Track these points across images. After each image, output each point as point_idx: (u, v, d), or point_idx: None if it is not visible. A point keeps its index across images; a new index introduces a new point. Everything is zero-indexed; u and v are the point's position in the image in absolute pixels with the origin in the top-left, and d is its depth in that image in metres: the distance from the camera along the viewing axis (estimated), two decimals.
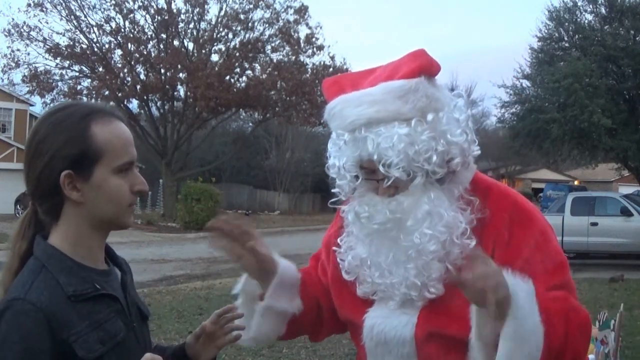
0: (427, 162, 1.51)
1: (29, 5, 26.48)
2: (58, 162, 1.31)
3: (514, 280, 1.39)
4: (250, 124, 39.35)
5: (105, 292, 1.34)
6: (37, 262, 1.31)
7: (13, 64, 27.01)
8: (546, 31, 22.08)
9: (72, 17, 27.04)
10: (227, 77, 28.04)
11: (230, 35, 28.61)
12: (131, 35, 27.37)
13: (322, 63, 29.31)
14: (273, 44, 28.87)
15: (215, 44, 28.87)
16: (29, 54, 26.97)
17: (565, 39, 22.05)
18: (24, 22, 26.60)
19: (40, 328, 1.21)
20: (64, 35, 27.29)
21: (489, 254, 1.51)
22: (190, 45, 28.85)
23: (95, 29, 27.41)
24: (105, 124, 1.35)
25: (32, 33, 26.73)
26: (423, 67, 1.58)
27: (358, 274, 1.63)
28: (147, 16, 27.64)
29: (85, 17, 27.29)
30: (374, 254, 1.59)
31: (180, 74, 27.79)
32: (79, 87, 27.93)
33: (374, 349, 1.62)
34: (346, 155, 1.59)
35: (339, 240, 1.69)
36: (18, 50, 26.90)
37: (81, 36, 27.52)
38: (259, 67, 29.11)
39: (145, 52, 27.60)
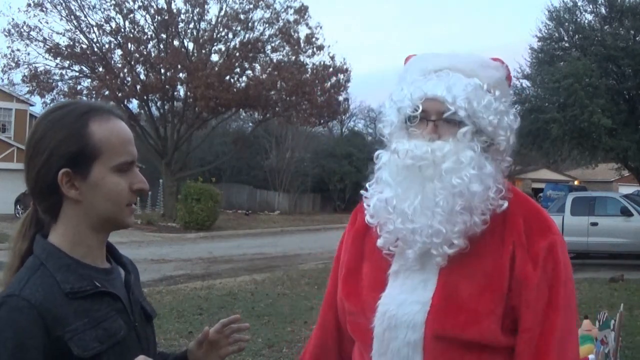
0: (483, 118, 1.60)
1: (29, 5, 26.49)
2: (56, 159, 1.30)
3: None
4: (250, 124, 39.36)
5: (105, 290, 1.33)
6: (35, 260, 1.31)
7: (13, 64, 27.02)
8: (546, 31, 22.06)
9: (72, 17, 27.04)
10: (227, 77, 28.04)
11: (230, 35, 28.62)
12: (131, 35, 27.37)
13: (322, 63, 29.33)
14: (273, 44, 28.87)
15: (215, 44, 28.88)
16: (29, 54, 27.00)
17: (565, 39, 22.03)
18: (24, 22, 26.63)
19: (34, 324, 1.20)
20: (64, 35, 27.32)
21: (510, 249, 1.56)
22: (190, 45, 28.89)
23: (95, 29, 27.44)
24: (104, 122, 1.34)
25: (32, 33, 26.75)
26: (504, 63, 1.74)
27: (381, 219, 1.63)
28: (147, 16, 27.68)
29: (85, 17, 27.33)
30: (400, 196, 1.59)
31: (180, 74, 27.79)
32: (79, 87, 27.96)
33: (382, 334, 1.61)
34: (416, 87, 1.64)
35: (367, 185, 1.71)
36: (18, 50, 26.94)
37: (81, 36, 27.54)
38: (259, 67, 29.12)
39: (145, 52, 27.60)
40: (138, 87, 27.28)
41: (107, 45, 27.78)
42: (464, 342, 1.54)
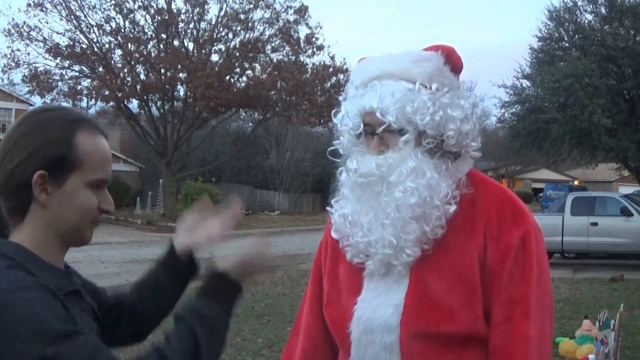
0: (420, 120, 1.57)
1: (29, 5, 26.51)
2: (36, 159, 1.28)
3: None
4: (250, 124, 39.35)
5: (78, 290, 1.34)
6: (8, 260, 1.26)
7: (13, 64, 27.04)
8: (546, 31, 22.07)
9: (72, 17, 27.06)
10: (227, 77, 28.04)
11: (230, 35, 28.62)
12: (131, 35, 27.38)
13: (322, 63, 29.32)
14: (273, 44, 28.88)
15: (215, 44, 28.87)
16: (29, 54, 27.02)
17: (565, 39, 22.04)
18: (24, 22, 26.65)
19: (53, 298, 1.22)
20: (64, 35, 27.35)
21: (481, 242, 1.56)
22: (190, 45, 28.88)
23: (95, 29, 27.45)
24: (91, 136, 1.34)
25: (32, 33, 26.77)
26: (444, 49, 1.67)
27: (343, 233, 1.67)
28: (147, 16, 27.69)
29: (85, 17, 27.35)
30: (358, 211, 1.63)
31: (180, 74, 27.79)
32: (79, 87, 27.96)
33: (358, 339, 1.62)
34: (354, 104, 1.67)
35: (332, 201, 1.73)
36: (18, 50, 26.96)
37: (81, 36, 27.56)
38: (259, 67, 29.12)
39: (145, 52, 27.61)
40: (138, 87, 27.26)
41: (107, 45, 27.80)
42: (441, 338, 1.55)
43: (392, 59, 1.67)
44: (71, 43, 27.24)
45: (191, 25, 28.55)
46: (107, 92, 26.23)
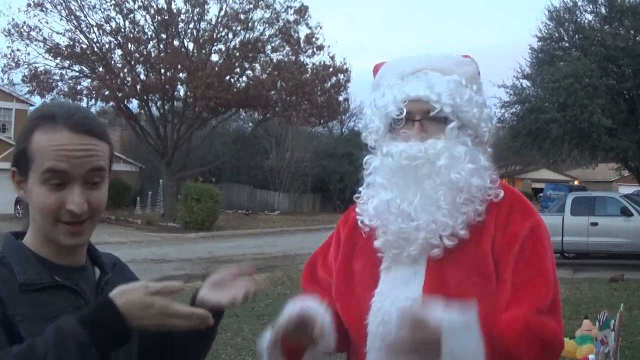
0: (466, 112, 1.65)
1: (29, 5, 26.48)
2: (13, 156, 1.33)
3: (450, 321, 1.40)
4: (250, 124, 39.33)
5: (64, 284, 1.31)
6: None
7: (13, 64, 27.01)
8: (546, 31, 22.07)
9: (72, 17, 27.03)
10: (227, 77, 28.02)
11: (230, 35, 28.60)
12: (131, 35, 27.37)
13: (322, 63, 29.30)
14: (273, 44, 28.85)
15: (215, 44, 28.85)
16: (29, 54, 26.98)
17: (565, 39, 22.04)
18: (24, 22, 26.61)
19: None
20: (64, 35, 27.31)
21: (492, 233, 1.60)
22: (190, 45, 28.86)
23: (95, 29, 27.42)
24: (49, 131, 1.27)
25: (32, 33, 26.73)
26: (474, 60, 1.79)
27: (381, 220, 1.65)
28: (147, 16, 27.65)
29: (85, 17, 27.31)
30: (399, 197, 1.62)
31: (180, 74, 27.77)
32: (79, 87, 27.92)
33: (375, 330, 1.63)
34: (395, 91, 1.67)
35: (360, 189, 1.74)
36: (18, 50, 26.92)
37: (81, 36, 27.53)
38: (259, 67, 29.09)
39: (145, 52, 27.59)
40: (138, 87, 27.25)
41: (107, 45, 27.77)
42: None
43: (432, 58, 1.75)
44: (71, 43, 27.22)
45: (191, 25, 28.55)
46: (107, 92, 26.22)
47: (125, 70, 27.62)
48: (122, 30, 27.48)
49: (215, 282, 1.47)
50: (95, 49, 27.45)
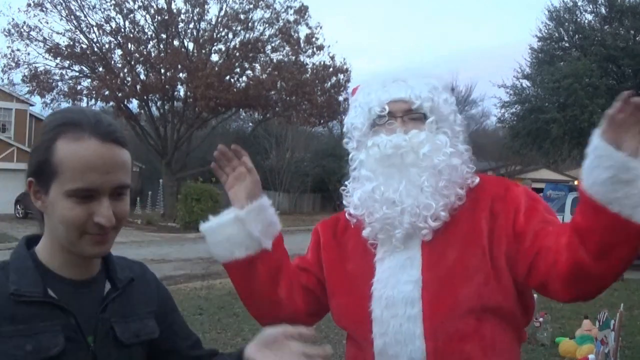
0: (443, 111, 1.77)
1: (29, 5, 26.50)
2: (30, 166, 1.27)
3: None
4: (250, 124, 39.36)
5: (50, 301, 1.25)
6: (4, 261, 1.30)
7: (13, 64, 27.03)
8: (546, 31, 22.10)
9: (72, 17, 27.05)
10: (227, 77, 28.03)
11: (230, 35, 28.61)
12: (131, 35, 27.37)
13: (322, 63, 29.31)
14: (273, 44, 28.86)
15: (215, 44, 28.86)
16: (29, 54, 27.01)
17: (565, 39, 22.06)
18: (24, 22, 26.65)
19: None
20: (64, 35, 27.33)
21: (487, 214, 1.68)
22: (190, 45, 28.86)
23: (95, 29, 27.43)
24: (72, 141, 1.23)
25: (32, 33, 26.76)
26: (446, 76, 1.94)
27: (366, 209, 1.73)
28: (147, 16, 27.66)
29: (85, 17, 27.33)
30: (383, 185, 1.71)
31: (180, 74, 27.78)
32: (79, 87, 27.94)
33: (381, 315, 1.68)
34: (379, 93, 1.79)
35: (346, 182, 1.85)
36: (18, 50, 26.95)
37: (81, 36, 27.54)
38: (259, 67, 29.09)
39: (145, 52, 27.59)
40: (138, 87, 27.26)
41: (107, 45, 27.78)
42: (461, 306, 1.62)
43: (410, 69, 1.89)
44: (71, 43, 27.23)
45: (191, 25, 28.56)
46: (107, 92, 26.22)
47: (125, 70, 27.62)
48: (122, 30, 27.48)
49: (267, 341, 1.37)
50: (95, 49, 27.46)
